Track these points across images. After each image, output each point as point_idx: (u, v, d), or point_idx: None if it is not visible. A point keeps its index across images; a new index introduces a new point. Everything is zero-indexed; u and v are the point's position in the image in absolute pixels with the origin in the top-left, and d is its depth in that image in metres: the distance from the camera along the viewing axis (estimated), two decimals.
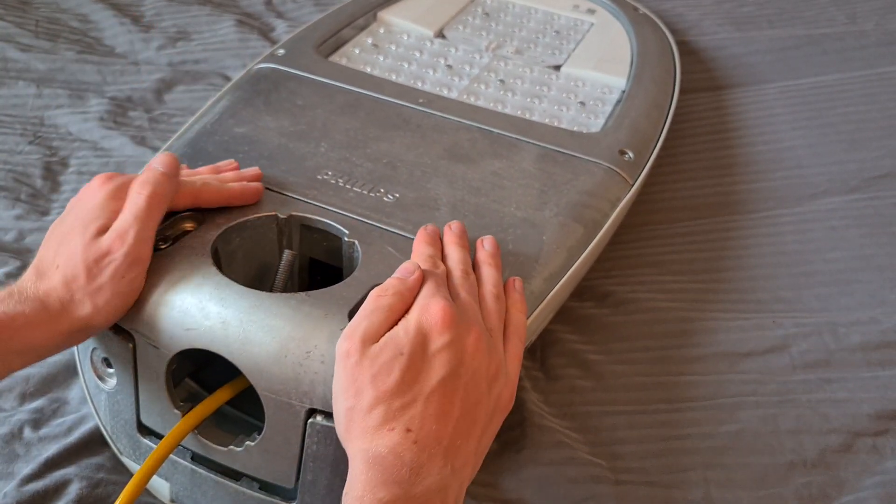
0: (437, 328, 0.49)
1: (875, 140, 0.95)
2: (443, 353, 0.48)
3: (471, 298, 0.53)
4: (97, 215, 0.54)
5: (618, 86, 0.89)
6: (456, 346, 0.49)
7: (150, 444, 0.58)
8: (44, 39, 1.07)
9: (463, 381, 0.49)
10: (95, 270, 0.52)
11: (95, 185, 0.56)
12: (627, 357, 0.72)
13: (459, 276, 0.55)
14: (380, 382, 0.47)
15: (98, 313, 0.53)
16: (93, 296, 0.52)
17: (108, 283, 0.53)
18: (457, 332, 0.49)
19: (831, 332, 0.73)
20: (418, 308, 0.50)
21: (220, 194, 0.61)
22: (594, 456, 0.64)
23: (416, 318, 0.50)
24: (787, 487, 0.62)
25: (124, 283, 0.53)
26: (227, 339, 0.53)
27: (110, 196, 0.55)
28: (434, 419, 0.47)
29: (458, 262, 0.56)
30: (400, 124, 0.74)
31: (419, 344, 0.48)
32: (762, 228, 0.85)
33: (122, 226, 0.54)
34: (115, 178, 0.57)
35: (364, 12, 0.96)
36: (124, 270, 0.53)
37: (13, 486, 0.59)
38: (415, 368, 0.48)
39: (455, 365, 0.48)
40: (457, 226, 0.60)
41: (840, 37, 1.12)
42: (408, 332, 0.49)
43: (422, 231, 0.59)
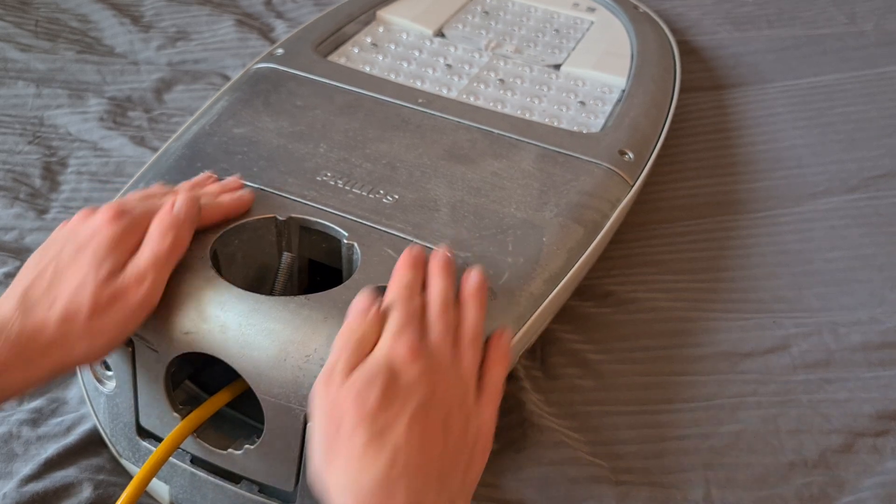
0: (406, 361, 0.47)
1: (875, 139, 0.95)
2: (415, 382, 0.47)
3: (444, 340, 0.50)
4: (111, 254, 0.52)
5: (618, 85, 0.89)
6: (427, 378, 0.47)
7: (149, 446, 0.58)
8: (44, 39, 1.07)
9: (438, 411, 0.47)
10: (104, 310, 0.50)
11: (104, 220, 0.53)
12: (628, 357, 0.72)
13: (437, 311, 0.52)
14: (361, 402, 0.45)
15: (90, 353, 0.51)
16: (92, 335, 0.50)
17: (113, 325, 0.51)
18: (427, 365, 0.48)
19: (832, 331, 0.73)
20: (386, 345, 0.49)
21: (217, 211, 0.59)
22: (594, 456, 0.64)
23: (385, 353, 0.48)
24: (788, 487, 0.62)
25: (129, 325, 0.52)
26: (226, 343, 0.52)
27: (125, 233, 0.53)
28: (419, 445, 0.45)
29: (439, 294, 0.53)
30: (399, 124, 0.74)
31: (391, 372, 0.47)
32: (762, 228, 0.85)
33: (141, 269, 0.52)
34: (125, 214, 0.54)
35: (363, 11, 0.96)
36: (135, 314, 0.52)
37: (13, 486, 0.59)
38: (391, 391, 0.46)
39: (428, 396, 0.47)
40: (442, 254, 0.56)
41: (839, 37, 1.12)
42: (378, 361, 0.47)
43: (405, 253, 0.55)
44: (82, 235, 0.53)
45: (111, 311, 0.51)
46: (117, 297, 0.51)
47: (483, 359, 0.53)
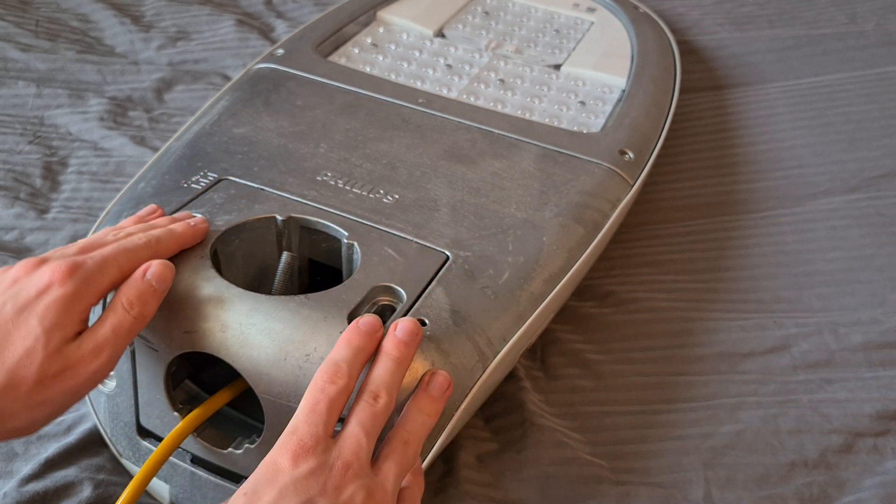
0: (287, 464, 0.45)
1: (875, 139, 0.95)
2: (295, 483, 0.44)
3: (361, 443, 0.46)
4: (62, 319, 0.47)
5: (618, 85, 0.89)
6: (314, 481, 0.44)
7: (149, 446, 0.58)
8: (44, 39, 1.07)
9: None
10: (51, 382, 0.46)
11: (54, 277, 0.48)
12: (628, 357, 0.72)
13: (365, 405, 0.48)
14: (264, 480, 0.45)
15: (29, 426, 0.47)
16: (33, 409, 0.46)
17: (60, 397, 0.47)
18: (317, 466, 0.45)
19: (832, 332, 0.73)
20: (282, 437, 0.46)
21: (172, 243, 0.55)
22: (595, 456, 0.63)
23: (276, 447, 0.46)
24: (788, 487, 0.62)
25: (78, 396, 0.48)
26: (226, 342, 0.52)
27: (77, 294, 0.48)
28: None
29: (377, 385, 0.49)
30: (399, 124, 0.74)
31: (274, 468, 0.45)
32: (762, 228, 0.85)
33: (100, 342, 0.48)
34: (78, 271, 0.48)
35: (363, 11, 0.96)
36: (86, 386, 0.48)
37: (13, 485, 0.59)
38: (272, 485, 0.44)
39: (312, 497, 0.44)
40: (403, 329, 0.51)
41: (840, 37, 1.12)
42: (270, 455, 0.46)
43: (352, 325, 0.51)
44: (26, 292, 0.47)
45: (59, 382, 0.46)
46: (68, 368, 0.47)
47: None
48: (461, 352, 0.55)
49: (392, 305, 0.56)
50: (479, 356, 0.56)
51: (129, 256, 0.52)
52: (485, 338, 0.56)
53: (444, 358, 0.53)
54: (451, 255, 0.60)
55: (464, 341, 0.55)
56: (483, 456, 0.63)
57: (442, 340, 0.54)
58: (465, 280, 0.58)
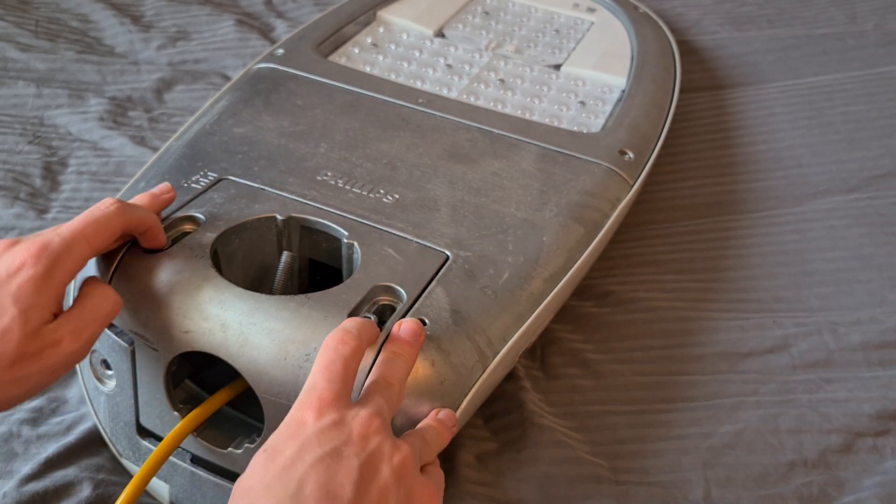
0: (312, 416, 0.45)
1: (875, 139, 0.95)
2: (318, 433, 0.44)
3: (382, 407, 0.46)
4: (38, 298, 0.47)
5: (618, 85, 0.89)
6: (336, 432, 0.44)
7: (149, 445, 0.58)
8: (44, 39, 1.07)
9: (349, 464, 0.43)
10: (29, 363, 0.46)
11: (26, 256, 0.47)
12: (627, 356, 0.72)
13: (380, 388, 0.48)
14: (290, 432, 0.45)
15: (3, 403, 0.47)
16: (9, 386, 0.46)
17: (36, 377, 0.47)
18: (337, 419, 0.45)
19: (832, 331, 0.73)
20: (301, 394, 0.46)
21: (142, 211, 0.55)
22: (594, 455, 0.64)
23: (295, 405, 0.46)
24: (788, 487, 0.62)
25: (57, 374, 0.48)
26: (226, 342, 0.52)
27: (47, 275, 0.47)
28: (321, 487, 0.42)
29: (389, 376, 0.49)
30: (399, 124, 0.74)
31: (299, 420, 0.45)
32: (762, 228, 0.85)
33: (81, 322, 0.49)
34: (45, 250, 0.48)
35: (363, 11, 0.96)
36: (63, 368, 0.48)
37: (13, 485, 0.59)
38: (298, 434, 0.44)
39: (336, 448, 0.44)
40: (407, 329, 0.52)
41: (840, 37, 1.12)
42: (297, 404, 0.46)
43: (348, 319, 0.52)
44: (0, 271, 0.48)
45: (37, 362, 0.47)
46: (46, 348, 0.47)
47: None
48: (461, 351, 0.55)
49: (392, 305, 0.56)
50: (479, 356, 0.56)
51: (97, 228, 0.51)
52: (485, 337, 0.56)
53: (445, 358, 0.54)
54: (452, 255, 0.60)
55: (464, 341, 0.55)
56: (483, 455, 0.63)
57: (442, 340, 0.54)
58: (465, 280, 0.58)
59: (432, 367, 0.53)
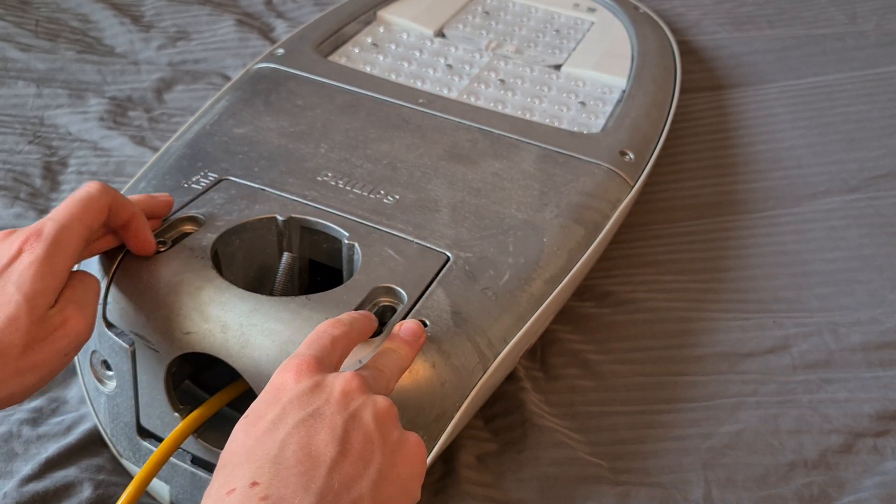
0: (290, 379, 0.44)
1: (875, 139, 0.95)
2: (299, 395, 0.43)
3: (365, 377, 0.46)
4: (41, 283, 0.47)
5: (618, 85, 0.89)
6: (315, 395, 0.43)
7: (149, 446, 0.58)
8: (44, 39, 1.07)
9: (331, 425, 0.42)
10: (40, 348, 0.46)
11: (22, 241, 0.48)
12: (628, 357, 0.72)
13: (369, 370, 0.47)
14: (275, 392, 0.44)
15: (19, 393, 0.46)
16: (23, 375, 0.46)
17: (50, 362, 0.47)
18: (315, 383, 0.44)
19: (832, 332, 0.73)
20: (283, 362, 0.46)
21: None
22: (594, 456, 0.64)
23: (275, 372, 0.45)
24: (788, 487, 0.62)
25: (66, 361, 0.48)
26: (226, 343, 0.53)
27: (47, 258, 0.47)
28: (301, 447, 0.41)
29: (382, 364, 0.49)
30: (400, 124, 0.74)
31: (279, 383, 0.44)
32: (762, 228, 0.85)
33: (83, 299, 0.49)
34: (41, 234, 0.48)
35: (363, 11, 0.96)
36: (74, 349, 0.48)
37: (13, 485, 0.59)
38: (278, 396, 0.44)
39: (316, 410, 0.43)
40: (407, 330, 0.52)
41: (840, 37, 1.12)
42: (279, 369, 0.45)
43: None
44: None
45: (48, 345, 0.47)
46: (55, 330, 0.47)
47: None
48: (462, 353, 0.55)
49: (393, 306, 0.56)
50: (480, 357, 0.56)
51: (85, 207, 0.51)
52: (485, 339, 0.56)
53: (445, 359, 0.54)
54: (452, 256, 0.60)
55: (464, 342, 0.55)
56: (483, 456, 0.63)
57: (443, 341, 0.54)
58: (465, 281, 0.58)
59: (433, 368, 0.53)
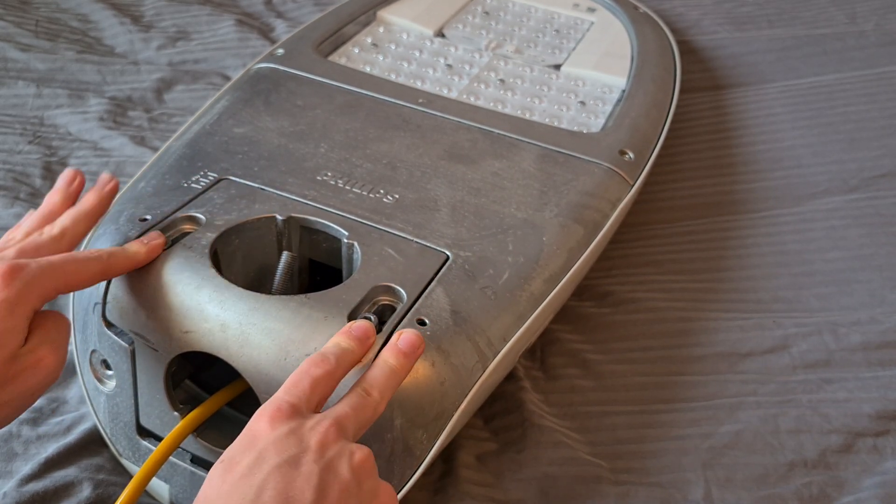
0: (265, 426, 0.44)
1: (875, 139, 0.95)
2: (274, 442, 0.43)
3: (348, 416, 0.45)
4: (12, 325, 0.46)
5: (618, 85, 0.89)
6: (291, 441, 0.43)
7: (149, 446, 0.58)
8: (44, 39, 1.07)
9: (308, 473, 0.42)
10: (10, 387, 0.45)
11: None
12: (627, 357, 0.72)
13: (355, 396, 0.47)
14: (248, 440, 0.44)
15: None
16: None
17: (17, 401, 0.46)
18: (291, 429, 0.43)
19: (831, 331, 0.73)
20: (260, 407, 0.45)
21: (127, 262, 0.54)
22: (594, 456, 0.64)
23: (252, 418, 0.45)
24: (788, 487, 0.62)
25: (32, 400, 0.47)
26: (226, 342, 0.53)
27: (19, 300, 0.46)
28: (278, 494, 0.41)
29: (372, 385, 0.48)
30: (400, 124, 0.74)
31: (251, 431, 0.44)
32: (762, 228, 0.85)
33: (57, 338, 0.48)
34: (18, 274, 0.47)
35: (363, 11, 0.96)
36: (43, 387, 0.47)
37: (13, 485, 0.59)
38: (252, 444, 0.43)
39: (293, 456, 0.42)
40: (406, 340, 0.51)
41: (840, 37, 1.12)
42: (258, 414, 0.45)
43: (345, 328, 0.51)
44: None
45: (17, 385, 0.46)
46: (27, 368, 0.46)
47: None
48: (461, 352, 0.55)
49: (392, 305, 0.56)
50: (479, 356, 0.56)
51: (78, 268, 0.50)
52: (485, 338, 0.56)
53: (445, 358, 0.54)
54: (452, 255, 0.60)
55: (464, 341, 0.55)
56: (483, 456, 0.63)
57: (442, 340, 0.54)
58: (465, 280, 0.58)
59: (432, 367, 0.53)
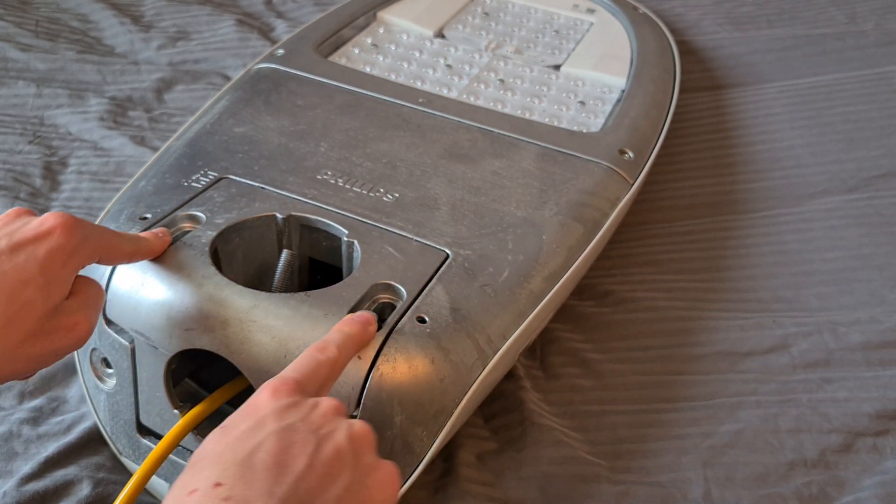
0: (266, 398, 0.43)
1: (874, 139, 0.95)
2: (273, 413, 0.42)
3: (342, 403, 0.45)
4: (65, 271, 0.45)
5: (617, 85, 0.89)
6: (286, 413, 0.42)
7: (149, 444, 0.58)
8: (44, 39, 1.07)
9: (304, 438, 0.41)
10: (41, 341, 0.44)
11: (56, 224, 0.45)
12: (627, 356, 0.72)
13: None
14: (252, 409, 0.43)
15: (9, 377, 0.44)
16: (15, 361, 0.44)
17: (42, 357, 0.45)
18: (288, 405, 0.43)
19: (831, 331, 0.73)
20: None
21: (149, 251, 0.55)
22: (594, 455, 0.64)
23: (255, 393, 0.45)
24: (788, 487, 0.62)
25: (62, 355, 0.46)
26: (226, 340, 0.53)
27: (76, 250, 0.46)
28: (276, 454, 0.40)
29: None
30: (400, 124, 0.74)
31: (254, 400, 0.44)
32: (762, 228, 0.85)
33: (93, 305, 0.48)
34: (79, 225, 0.46)
35: (364, 12, 0.96)
36: (69, 351, 0.47)
37: (13, 485, 0.59)
38: (253, 411, 0.43)
39: (290, 425, 0.42)
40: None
41: (839, 36, 1.12)
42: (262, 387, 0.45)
43: (346, 317, 0.52)
44: (23, 232, 0.45)
45: (48, 342, 0.45)
46: (60, 328, 0.45)
47: None
48: (461, 349, 0.55)
49: (392, 303, 0.56)
50: (479, 354, 0.56)
51: (118, 243, 0.51)
52: (484, 335, 0.56)
53: (444, 355, 0.54)
54: (451, 254, 0.60)
55: (463, 339, 0.55)
56: (483, 455, 0.63)
57: (442, 338, 0.54)
58: (464, 278, 0.58)
59: (432, 364, 0.53)
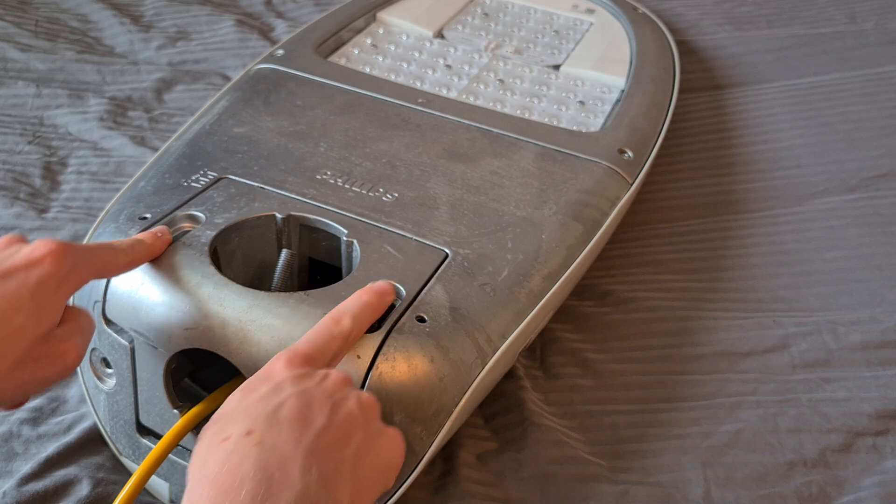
0: (278, 368, 0.45)
1: (874, 139, 0.95)
2: (285, 382, 0.44)
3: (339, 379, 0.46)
4: (55, 298, 0.44)
5: (617, 85, 0.89)
6: (298, 381, 0.44)
7: (149, 444, 0.58)
8: (44, 39, 1.07)
9: (317, 404, 0.43)
10: (30, 368, 0.44)
11: (47, 251, 0.45)
12: (627, 356, 0.72)
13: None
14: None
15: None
16: (8, 389, 0.43)
17: (30, 385, 0.44)
18: (299, 375, 0.45)
19: (831, 331, 0.73)
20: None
21: (146, 253, 0.55)
22: (594, 455, 0.64)
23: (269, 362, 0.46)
24: (787, 486, 0.62)
25: (50, 384, 0.46)
26: (225, 339, 0.53)
27: (67, 278, 0.45)
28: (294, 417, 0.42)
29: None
30: (399, 124, 0.74)
31: (268, 368, 0.46)
32: (761, 228, 0.85)
33: (85, 334, 0.47)
34: (70, 252, 0.46)
35: (363, 13, 0.96)
36: (55, 379, 0.46)
37: (13, 485, 0.59)
38: (268, 378, 0.45)
39: (304, 392, 0.44)
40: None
41: (839, 36, 1.12)
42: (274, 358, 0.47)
43: (366, 286, 0.54)
44: (14, 260, 0.44)
45: (37, 370, 0.44)
46: (49, 357, 0.45)
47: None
48: (460, 348, 0.55)
49: (391, 302, 0.56)
50: (479, 353, 0.56)
51: (112, 257, 0.51)
52: (484, 334, 0.56)
53: (444, 354, 0.54)
54: (451, 253, 0.60)
55: (463, 338, 0.55)
56: (483, 455, 0.63)
57: (441, 337, 0.54)
58: (464, 277, 0.58)
59: (431, 363, 0.53)
